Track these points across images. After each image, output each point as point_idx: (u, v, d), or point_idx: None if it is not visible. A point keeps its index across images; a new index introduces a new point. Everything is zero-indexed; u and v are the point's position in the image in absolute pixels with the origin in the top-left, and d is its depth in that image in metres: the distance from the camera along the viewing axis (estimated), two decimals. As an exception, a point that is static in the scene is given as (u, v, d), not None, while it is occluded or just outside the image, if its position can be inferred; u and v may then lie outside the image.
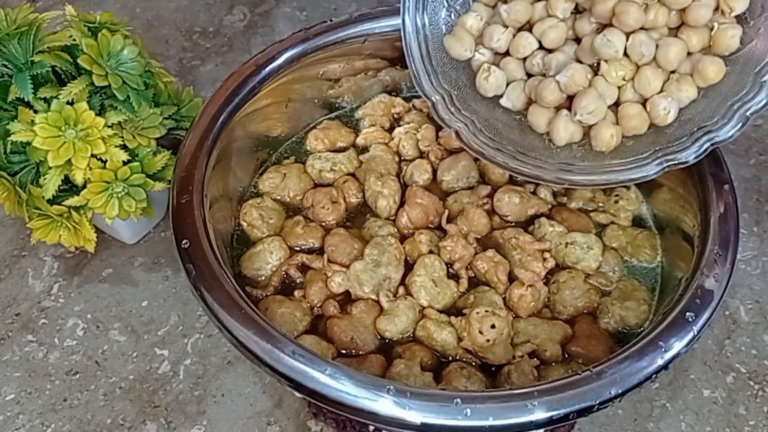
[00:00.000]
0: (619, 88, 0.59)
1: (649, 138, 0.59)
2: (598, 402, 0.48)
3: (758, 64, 0.56)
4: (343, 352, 0.59)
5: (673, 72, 0.58)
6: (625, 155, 0.59)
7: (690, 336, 0.51)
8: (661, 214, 0.67)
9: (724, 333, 0.69)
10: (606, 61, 0.58)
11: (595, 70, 0.59)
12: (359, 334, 0.59)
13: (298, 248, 0.65)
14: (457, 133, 0.63)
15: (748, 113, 0.55)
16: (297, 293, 0.62)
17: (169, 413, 0.65)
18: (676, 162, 0.57)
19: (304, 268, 0.64)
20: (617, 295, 0.62)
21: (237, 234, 0.67)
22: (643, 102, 0.59)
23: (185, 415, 0.65)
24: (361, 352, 0.59)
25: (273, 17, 0.98)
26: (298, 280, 0.64)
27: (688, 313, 0.52)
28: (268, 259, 0.64)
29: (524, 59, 0.63)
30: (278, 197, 0.69)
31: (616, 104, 0.60)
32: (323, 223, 0.67)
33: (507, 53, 0.64)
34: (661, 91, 0.58)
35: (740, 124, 0.55)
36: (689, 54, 0.58)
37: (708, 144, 0.56)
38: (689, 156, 0.57)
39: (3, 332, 0.70)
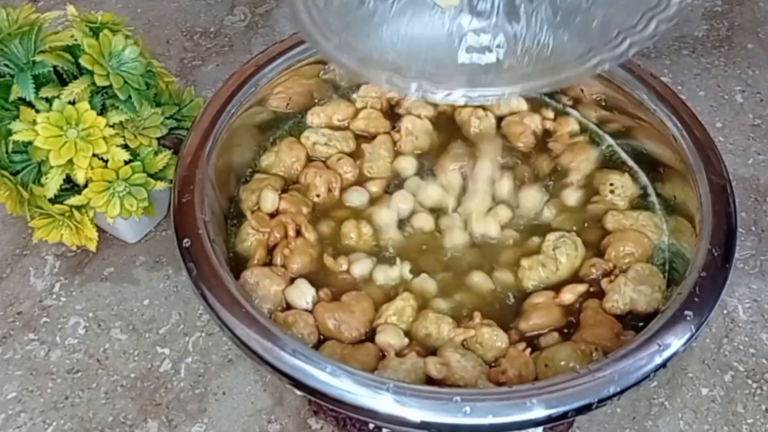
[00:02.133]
0: None
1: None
2: (596, 400, 0.48)
3: None
4: (325, 335, 0.58)
5: None
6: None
7: (688, 335, 0.51)
8: (665, 195, 0.66)
9: (722, 332, 0.70)
10: None
11: None
12: (347, 321, 0.58)
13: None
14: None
15: (661, 23, 0.53)
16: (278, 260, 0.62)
17: (170, 411, 0.65)
18: (610, 57, 0.55)
19: (298, 233, 0.63)
20: (633, 275, 0.60)
21: (233, 213, 0.66)
22: None
23: (186, 413, 0.65)
24: (347, 340, 0.58)
25: (273, 17, 0.99)
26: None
27: (686, 312, 0.52)
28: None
29: None
30: (275, 173, 0.68)
31: None
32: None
33: None
34: None
35: (657, 32, 0.54)
36: None
37: (629, 43, 0.55)
38: (618, 54, 0.55)
39: (5, 331, 0.70)
